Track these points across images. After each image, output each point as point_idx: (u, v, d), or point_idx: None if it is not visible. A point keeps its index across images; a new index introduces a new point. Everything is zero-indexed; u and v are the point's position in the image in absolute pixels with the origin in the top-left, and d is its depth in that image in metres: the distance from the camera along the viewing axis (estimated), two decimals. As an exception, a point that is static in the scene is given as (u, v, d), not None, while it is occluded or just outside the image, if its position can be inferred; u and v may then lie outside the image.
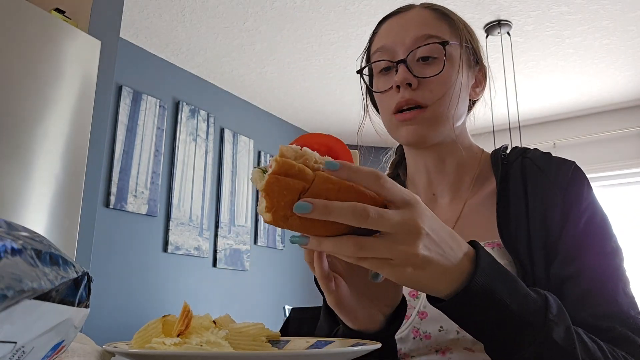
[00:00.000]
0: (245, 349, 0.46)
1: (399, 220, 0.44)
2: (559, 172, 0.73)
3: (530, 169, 0.76)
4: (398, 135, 0.79)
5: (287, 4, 2.89)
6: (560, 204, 0.70)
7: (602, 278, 0.63)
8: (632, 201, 4.32)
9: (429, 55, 0.76)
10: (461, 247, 0.49)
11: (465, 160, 0.83)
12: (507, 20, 3.03)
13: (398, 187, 0.45)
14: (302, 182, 0.43)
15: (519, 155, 0.80)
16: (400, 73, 0.75)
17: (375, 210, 0.43)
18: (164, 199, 3.39)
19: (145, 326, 0.50)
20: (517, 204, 0.73)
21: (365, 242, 0.44)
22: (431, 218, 0.47)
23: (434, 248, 0.46)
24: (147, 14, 3.01)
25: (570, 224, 0.68)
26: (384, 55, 0.79)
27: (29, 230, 0.36)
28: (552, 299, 0.52)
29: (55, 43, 1.81)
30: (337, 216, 0.42)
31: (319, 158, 0.45)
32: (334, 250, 0.45)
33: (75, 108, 1.86)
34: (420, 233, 0.45)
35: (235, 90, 4.03)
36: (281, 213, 0.43)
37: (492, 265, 0.50)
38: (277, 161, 0.43)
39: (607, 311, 0.61)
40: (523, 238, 0.69)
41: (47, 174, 1.73)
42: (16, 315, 0.30)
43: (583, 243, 0.67)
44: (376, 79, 0.82)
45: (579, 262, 0.65)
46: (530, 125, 4.56)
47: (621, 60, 3.51)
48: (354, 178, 0.44)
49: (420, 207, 0.46)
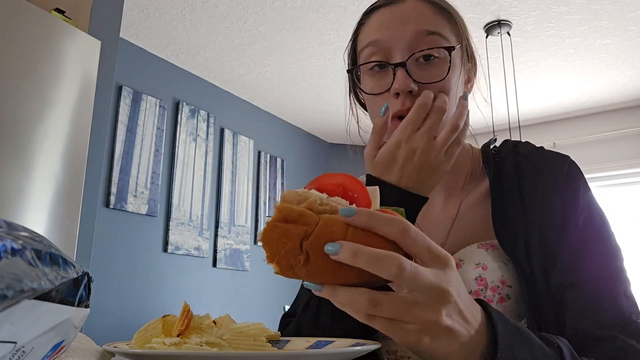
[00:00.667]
0: (245, 349, 0.46)
1: (433, 283, 0.39)
2: (554, 169, 0.71)
3: (524, 167, 0.74)
4: None
5: (287, 4, 2.89)
6: (557, 204, 0.68)
7: (604, 284, 0.62)
8: (632, 201, 4.32)
9: (431, 54, 0.69)
10: (478, 312, 0.45)
11: (459, 160, 0.78)
12: (507, 20, 3.03)
13: (429, 242, 0.41)
14: (303, 227, 0.39)
15: (511, 150, 0.77)
16: (401, 80, 0.68)
17: (412, 266, 0.38)
18: (164, 199, 3.39)
19: (145, 326, 0.50)
20: (512, 204, 0.71)
21: (381, 299, 0.39)
22: (458, 279, 0.42)
23: (456, 317, 0.41)
24: (147, 14, 3.01)
25: (569, 226, 0.66)
26: (377, 51, 0.71)
27: (29, 230, 0.36)
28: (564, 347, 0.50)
29: (55, 43, 1.81)
30: (365, 263, 0.38)
31: (326, 199, 0.41)
32: (346, 302, 0.40)
33: (75, 108, 1.86)
34: (449, 300, 0.40)
35: (235, 90, 4.03)
36: (284, 263, 0.40)
37: (509, 328, 0.45)
38: (277, 207, 0.40)
39: (610, 319, 0.59)
40: (520, 239, 0.67)
41: (47, 174, 1.73)
42: (16, 315, 0.30)
43: (583, 247, 0.65)
44: (367, 78, 0.74)
45: (580, 269, 0.63)
46: (530, 125, 4.56)
47: (621, 60, 3.51)
48: (375, 226, 0.39)
49: (454, 270, 0.42)
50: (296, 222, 0.39)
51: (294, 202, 0.40)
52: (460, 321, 0.41)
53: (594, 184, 4.46)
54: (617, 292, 0.62)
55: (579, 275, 0.63)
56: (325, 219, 0.39)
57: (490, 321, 0.45)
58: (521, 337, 0.46)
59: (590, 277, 0.63)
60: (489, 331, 0.44)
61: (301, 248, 0.39)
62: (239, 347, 0.46)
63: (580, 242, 0.66)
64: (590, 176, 4.37)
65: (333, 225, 0.39)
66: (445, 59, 0.70)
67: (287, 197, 0.41)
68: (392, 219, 0.39)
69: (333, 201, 0.41)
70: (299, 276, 0.41)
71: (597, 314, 0.60)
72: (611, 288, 0.62)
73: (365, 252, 0.38)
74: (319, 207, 0.40)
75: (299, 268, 0.40)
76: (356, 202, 0.44)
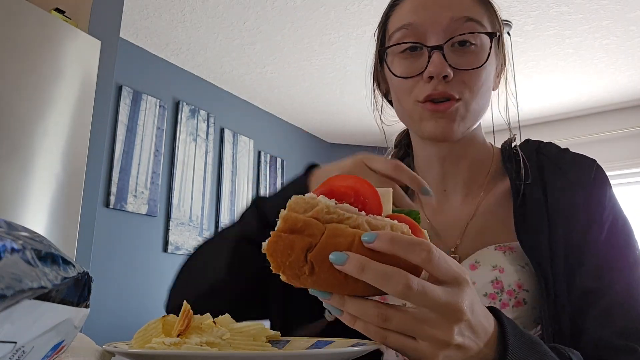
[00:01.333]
0: (245, 349, 0.46)
1: (445, 301, 0.38)
2: (580, 172, 0.69)
3: (548, 168, 0.71)
4: (422, 127, 0.70)
5: (287, 4, 2.89)
6: (582, 208, 0.66)
7: (626, 293, 0.61)
8: (632, 201, 4.32)
9: (467, 40, 0.67)
10: (491, 324, 0.44)
11: (480, 157, 0.77)
12: (507, 20, 3.02)
13: (448, 262, 0.40)
14: (307, 239, 0.38)
15: (533, 150, 0.75)
16: (436, 63, 0.65)
17: (418, 283, 0.37)
18: (164, 199, 3.39)
19: (145, 326, 0.50)
20: (535, 205, 0.68)
21: (390, 315, 0.39)
22: (472, 295, 0.41)
23: (468, 334, 0.41)
24: (147, 14, 3.01)
25: (594, 232, 0.65)
26: (410, 34, 0.68)
27: (29, 230, 0.36)
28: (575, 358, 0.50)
29: (55, 43, 1.81)
30: (372, 278, 0.37)
31: (334, 207, 0.40)
32: (358, 313, 0.40)
33: (75, 108, 1.86)
34: (461, 319, 0.39)
35: (235, 90, 4.03)
36: (289, 272, 0.40)
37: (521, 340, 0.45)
38: (282, 217, 0.39)
39: (630, 329, 0.58)
40: (544, 242, 0.65)
41: (47, 174, 1.73)
42: (16, 315, 0.30)
43: (608, 255, 0.63)
44: (398, 60, 0.70)
45: (604, 276, 0.62)
46: (530, 125, 4.56)
47: (621, 60, 3.51)
48: (397, 252, 0.38)
49: (469, 287, 0.41)
50: (301, 233, 0.39)
51: (301, 210, 0.40)
52: (471, 336, 0.41)
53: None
54: (639, 301, 0.60)
55: (603, 282, 0.62)
56: (331, 229, 0.39)
57: (502, 332, 0.44)
58: (533, 348, 0.45)
59: (614, 285, 0.61)
60: (500, 342, 0.44)
61: (306, 259, 0.39)
62: (239, 347, 0.46)
63: (606, 249, 0.64)
64: (590, 176, 4.36)
65: (339, 236, 0.38)
66: (482, 46, 0.68)
67: (293, 204, 0.40)
68: (414, 245, 0.38)
69: (341, 208, 0.40)
70: (306, 285, 0.40)
71: (618, 323, 0.58)
72: (633, 297, 0.61)
73: (373, 268, 0.37)
74: (325, 216, 0.39)
75: (305, 278, 0.39)
76: (367, 206, 0.43)
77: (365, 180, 0.45)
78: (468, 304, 0.40)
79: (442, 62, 0.65)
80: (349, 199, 0.43)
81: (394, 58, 0.71)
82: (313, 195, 0.41)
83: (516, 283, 0.65)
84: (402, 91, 0.70)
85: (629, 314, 0.59)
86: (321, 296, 0.41)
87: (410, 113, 0.71)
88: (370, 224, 0.40)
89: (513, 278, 0.65)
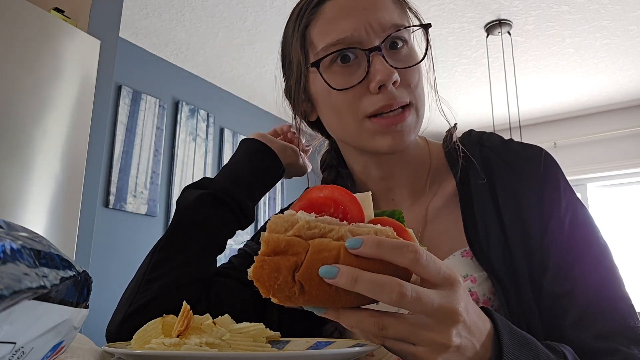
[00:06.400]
0: (245, 349, 0.46)
1: (439, 305, 0.38)
2: (529, 166, 0.65)
3: (494, 164, 0.67)
4: (376, 143, 0.64)
5: (287, 4, 2.89)
6: (536, 204, 0.63)
7: (598, 290, 0.58)
8: (632, 201, 4.32)
9: (399, 37, 0.63)
10: (486, 325, 0.43)
11: (419, 156, 0.72)
12: (507, 19, 3.02)
13: (437, 263, 0.39)
14: (292, 258, 0.38)
15: (476, 144, 0.70)
16: (382, 69, 0.59)
17: (413, 290, 0.37)
18: (163, 199, 3.39)
19: (145, 326, 0.50)
20: (484, 206, 0.64)
21: (387, 323, 0.39)
22: (466, 295, 0.41)
23: (465, 334, 0.40)
24: (146, 14, 3.01)
25: (554, 230, 0.61)
26: (339, 44, 0.62)
27: (29, 231, 0.36)
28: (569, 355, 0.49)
29: (54, 42, 1.81)
30: (365, 289, 0.37)
31: (314, 221, 0.39)
32: (354, 324, 0.40)
33: (75, 108, 1.86)
34: (457, 320, 0.39)
35: (235, 90, 4.02)
36: (280, 295, 0.39)
37: (515, 339, 0.45)
38: (263, 240, 0.39)
39: (609, 328, 0.56)
40: (499, 246, 0.61)
41: (46, 174, 1.73)
42: (15, 315, 0.30)
43: (572, 252, 0.60)
44: (330, 75, 0.64)
45: (572, 276, 0.59)
46: (530, 125, 4.56)
47: (621, 60, 3.51)
48: (384, 256, 0.38)
49: (462, 287, 0.40)
50: (285, 253, 0.38)
51: (281, 229, 0.39)
52: (468, 337, 0.41)
53: (594, 183, 4.47)
54: (612, 296, 0.58)
55: (572, 283, 0.59)
56: (314, 245, 0.38)
57: (496, 332, 0.44)
58: (527, 346, 0.45)
59: (583, 284, 0.59)
60: (494, 342, 0.44)
61: (294, 280, 0.38)
62: (238, 348, 0.46)
63: (569, 246, 0.61)
64: (590, 176, 4.37)
65: (323, 250, 0.38)
66: (411, 46, 0.65)
67: (272, 225, 0.39)
68: (401, 247, 0.38)
69: (322, 222, 0.39)
70: (298, 304, 0.40)
71: (594, 324, 0.56)
72: (606, 293, 0.58)
73: (365, 279, 0.36)
74: (307, 232, 0.38)
75: (296, 298, 0.39)
76: (348, 214, 0.42)
77: (342, 187, 0.43)
78: (463, 305, 0.40)
79: (387, 66, 0.60)
80: (329, 210, 0.42)
81: (326, 73, 0.64)
82: (292, 212, 0.40)
83: (489, 290, 0.62)
84: (343, 107, 0.64)
85: (605, 313, 0.57)
86: (316, 311, 0.40)
87: (357, 130, 0.64)
88: (354, 232, 0.39)
89: (486, 285, 0.62)
